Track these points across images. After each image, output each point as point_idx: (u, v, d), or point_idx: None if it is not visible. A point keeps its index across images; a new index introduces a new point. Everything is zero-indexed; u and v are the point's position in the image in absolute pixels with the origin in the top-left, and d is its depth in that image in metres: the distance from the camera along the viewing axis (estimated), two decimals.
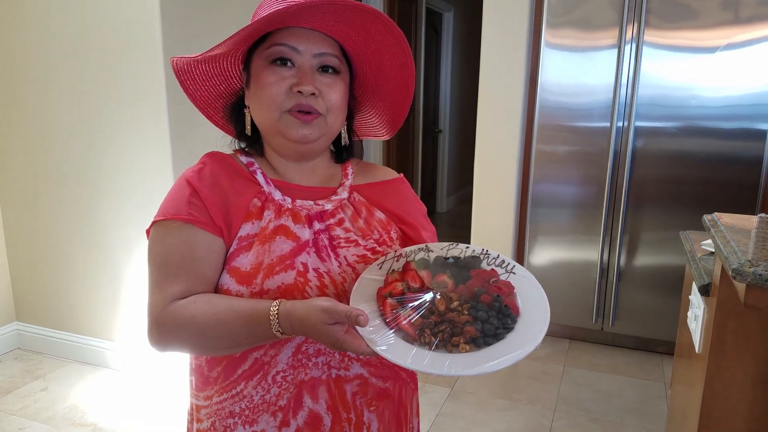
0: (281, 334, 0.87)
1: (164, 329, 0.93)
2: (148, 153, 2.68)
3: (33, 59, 2.84)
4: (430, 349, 0.83)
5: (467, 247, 1.01)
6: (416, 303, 0.87)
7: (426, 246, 1.01)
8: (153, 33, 2.56)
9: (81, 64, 2.73)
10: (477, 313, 0.86)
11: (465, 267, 0.95)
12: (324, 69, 0.98)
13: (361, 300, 0.89)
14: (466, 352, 0.83)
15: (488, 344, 0.84)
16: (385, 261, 0.97)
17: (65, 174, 2.91)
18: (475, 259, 0.98)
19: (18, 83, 2.91)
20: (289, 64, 0.96)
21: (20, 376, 2.96)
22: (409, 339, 0.84)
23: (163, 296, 0.94)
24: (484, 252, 1.00)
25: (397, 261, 0.98)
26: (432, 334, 0.84)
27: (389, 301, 0.88)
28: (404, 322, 0.85)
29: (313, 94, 0.96)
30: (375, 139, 1.25)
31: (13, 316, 3.26)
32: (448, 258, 0.97)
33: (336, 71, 0.99)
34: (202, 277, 0.95)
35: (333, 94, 0.98)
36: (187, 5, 2.68)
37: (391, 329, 0.84)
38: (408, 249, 1.00)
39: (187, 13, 2.68)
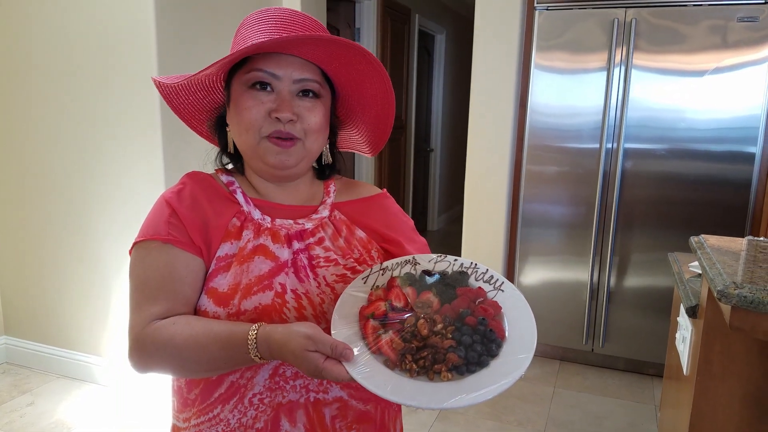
0: (259, 358, 0.86)
1: (144, 350, 0.92)
2: (140, 167, 2.68)
3: (22, 70, 2.84)
4: (410, 376, 0.80)
5: (455, 260, 0.98)
6: (399, 325, 0.85)
7: (413, 258, 0.98)
8: (147, 43, 2.56)
9: (72, 75, 2.73)
10: (461, 338, 0.83)
11: (451, 284, 0.92)
12: (304, 93, 0.97)
13: (344, 320, 0.88)
14: (448, 380, 0.80)
15: (471, 372, 0.81)
16: (370, 274, 0.95)
17: (54, 188, 2.90)
18: (462, 275, 0.95)
19: (6, 93, 2.91)
20: (268, 88, 0.96)
21: (7, 391, 2.93)
22: (390, 364, 0.82)
23: (143, 317, 0.93)
24: (473, 266, 0.96)
25: (383, 274, 0.94)
26: (413, 361, 0.81)
27: (371, 323, 0.86)
28: (385, 347, 0.83)
29: (291, 120, 0.95)
30: (362, 155, 1.24)
31: (1, 330, 3.23)
32: (433, 273, 0.94)
33: (316, 95, 0.99)
34: (182, 298, 0.95)
35: (312, 117, 0.97)
36: (182, 15, 2.69)
37: (372, 352, 0.83)
38: (394, 261, 0.97)
39: (182, 23, 2.69)
